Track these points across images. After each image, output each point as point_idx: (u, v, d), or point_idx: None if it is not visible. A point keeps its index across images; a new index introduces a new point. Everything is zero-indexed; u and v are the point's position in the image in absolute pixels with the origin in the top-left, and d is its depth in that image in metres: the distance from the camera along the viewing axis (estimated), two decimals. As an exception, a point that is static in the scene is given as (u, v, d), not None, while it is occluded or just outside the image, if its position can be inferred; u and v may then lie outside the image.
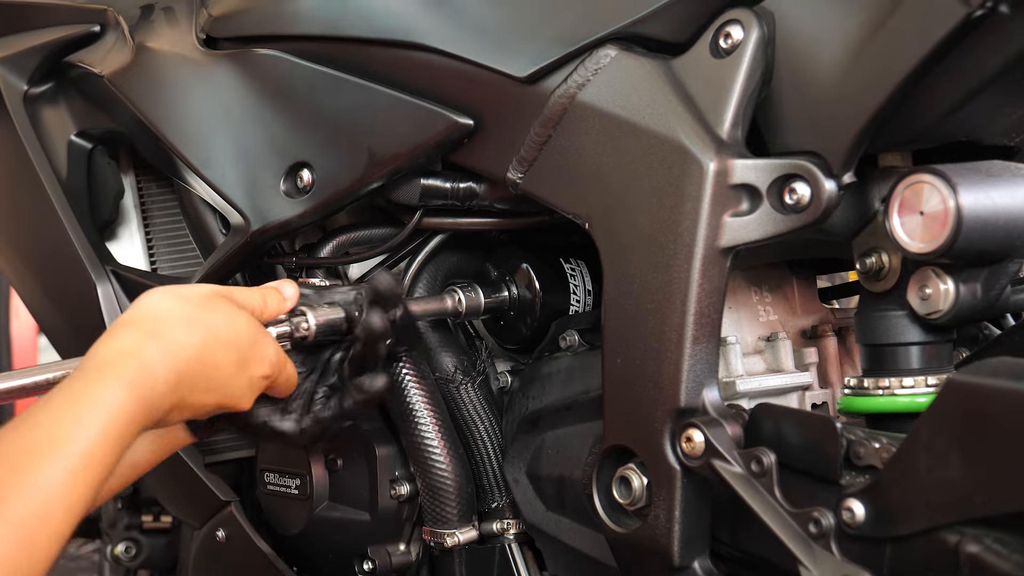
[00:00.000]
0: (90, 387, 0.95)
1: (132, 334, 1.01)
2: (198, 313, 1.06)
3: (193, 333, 1.04)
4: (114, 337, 1.01)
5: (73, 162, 1.63)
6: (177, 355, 1.02)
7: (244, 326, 1.10)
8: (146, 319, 1.03)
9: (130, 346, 0.99)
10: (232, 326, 1.08)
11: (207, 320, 1.06)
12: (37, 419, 0.91)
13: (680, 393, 1.05)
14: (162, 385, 1.00)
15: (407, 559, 1.41)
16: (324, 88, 1.32)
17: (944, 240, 0.99)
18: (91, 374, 0.96)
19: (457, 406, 1.36)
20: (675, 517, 1.06)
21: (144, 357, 0.99)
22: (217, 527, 1.52)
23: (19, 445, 0.89)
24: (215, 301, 1.09)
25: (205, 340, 1.05)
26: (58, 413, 0.92)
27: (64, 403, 0.93)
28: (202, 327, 1.05)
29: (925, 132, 1.03)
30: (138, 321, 1.03)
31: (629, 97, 1.09)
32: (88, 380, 0.95)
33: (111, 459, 0.93)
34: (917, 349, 1.09)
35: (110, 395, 0.94)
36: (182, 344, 1.03)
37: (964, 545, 0.88)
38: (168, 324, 1.03)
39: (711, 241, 1.03)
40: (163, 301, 1.06)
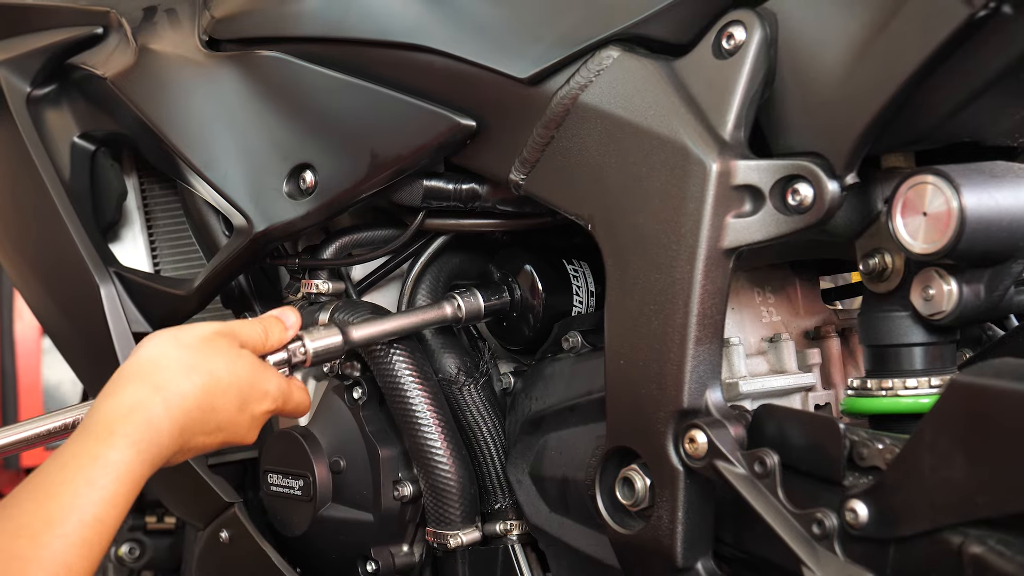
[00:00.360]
0: (99, 449, 0.98)
1: (137, 389, 1.05)
2: (198, 360, 1.09)
3: (195, 381, 1.07)
4: (120, 391, 1.05)
5: (76, 164, 1.63)
6: (180, 405, 1.05)
7: (244, 367, 1.13)
8: (149, 371, 1.07)
9: (135, 402, 1.03)
10: (232, 368, 1.11)
11: (207, 365, 1.09)
12: (52, 487, 0.95)
13: (683, 394, 1.05)
14: (167, 438, 1.04)
15: (410, 560, 1.41)
16: (326, 90, 1.32)
17: (947, 241, 0.98)
18: (101, 433, 1.00)
19: (460, 407, 1.36)
20: (678, 518, 1.06)
21: (149, 412, 1.03)
22: (221, 528, 1.52)
23: (39, 515, 0.93)
24: (215, 343, 1.12)
25: (206, 386, 1.08)
26: (73, 479, 0.96)
27: (78, 468, 0.97)
28: (203, 373, 1.08)
29: (928, 133, 1.03)
30: (141, 374, 1.06)
31: (631, 98, 1.09)
32: (98, 441, 0.99)
33: (120, 519, 0.98)
34: (920, 350, 1.08)
35: (118, 455, 0.99)
36: (184, 394, 1.06)
37: (967, 546, 0.88)
38: (170, 374, 1.06)
39: (714, 242, 1.03)
40: (164, 350, 1.09)
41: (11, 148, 1.66)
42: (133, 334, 1.54)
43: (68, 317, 1.66)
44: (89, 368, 1.70)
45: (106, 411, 1.02)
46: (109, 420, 1.01)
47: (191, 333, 1.12)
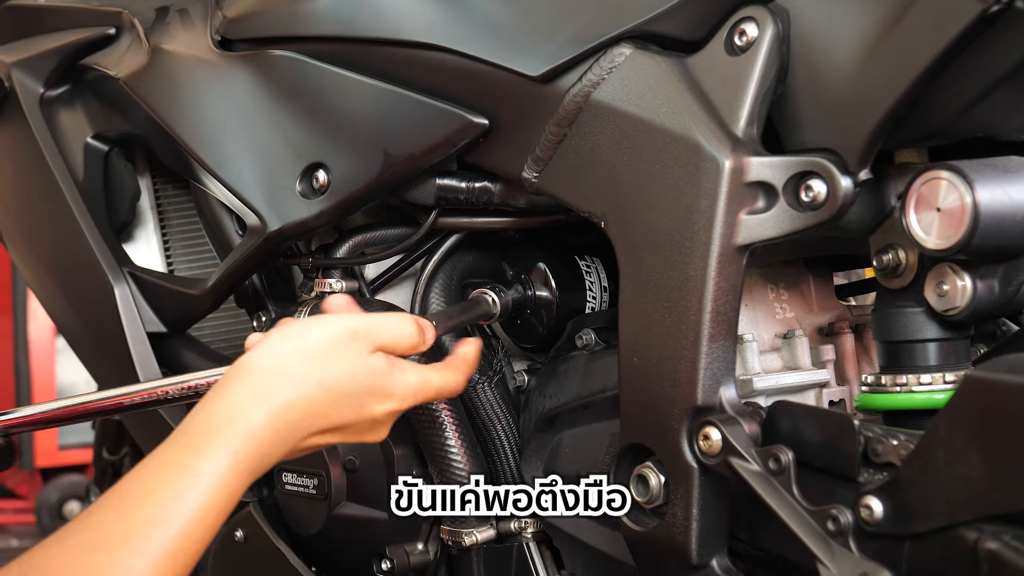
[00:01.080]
0: (191, 459, 0.93)
1: (241, 394, 0.99)
2: (314, 369, 1.02)
3: (303, 392, 1.01)
4: (223, 396, 0.99)
5: (90, 164, 1.64)
6: (284, 417, 0.99)
7: (366, 374, 1.05)
8: (258, 376, 1.00)
9: (236, 409, 0.97)
10: (352, 377, 1.04)
11: (322, 374, 1.02)
12: (136, 497, 0.90)
13: (697, 391, 1.05)
14: (268, 447, 0.98)
15: (425, 558, 1.41)
16: (339, 89, 1.32)
17: (961, 236, 0.98)
18: (195, 442, 0.94)
19: (474, 405, 1.36)
20: (693, 515, 1.05)
21: (251, 422, 0.97)
22: (236, 527, 1.52)
23: (119, 528, 0.88)
24: (342, 347, 1.04)
25: (316, 397, 1.02)
26: (159, 489, 0.90)
27: (165, 479, 0.91)
28: (315, 384, 1.01)
29: (941, 129, 1.03)
30: (250, 378, 1.00)
31: (644, 95, 1.09)
32: (191, 450, 0.94)
33: (212, 533, 0.92)
34: (934, 346, 1.08)
35: (212, 467, 0.93)
36: (291, 404, 1.00)
37: (983, 542, 0.88)
38: (280, 383, 1.00)
39: (727, 239, 1.03)
40: (281, 355, 1.02)
41: (25, 149, 1.67)
42: (147, 334, 1.55)
43: (82, 317, 1.66)
44: (103, 368, 1.70)
45: (205, 417, 0.97)
46: (207, 428, 0.95)
47: (319, 334, 1.04)
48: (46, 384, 4.45)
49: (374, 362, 1.06)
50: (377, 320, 1.09)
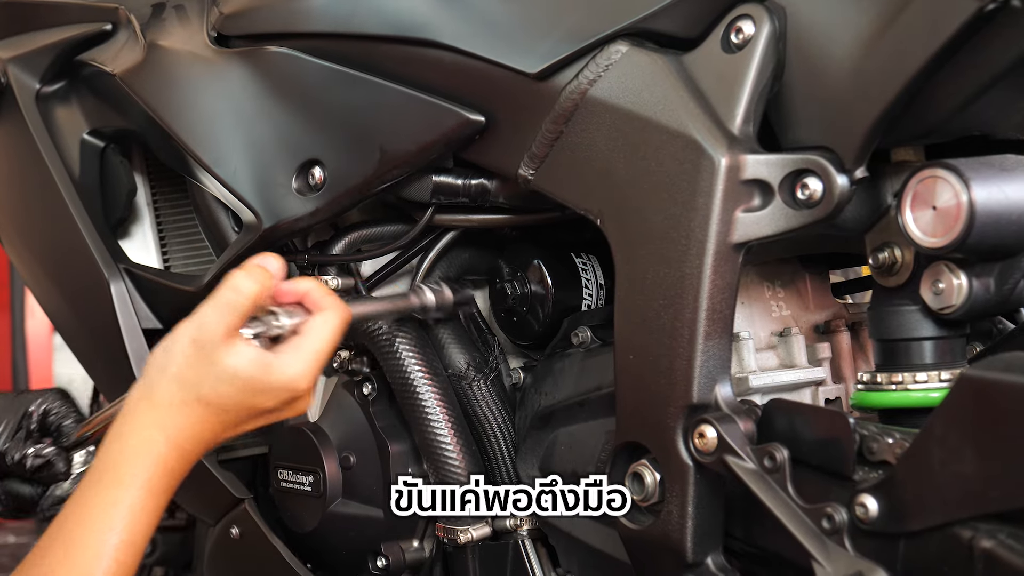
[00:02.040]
0: (116, 494, 1.02)
1: (142, 424, 1.06)
2: (186, 392, 1.06)
3: (189, 414, 1.06)
4: (131, 428, 1.06)
5: (86, 161, 1.63)
6: (185, 436, 1.07)
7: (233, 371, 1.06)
8: (146, 408, 1.07)
9: (142, 442, 1.05)
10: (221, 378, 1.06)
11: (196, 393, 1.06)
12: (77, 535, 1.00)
13: (692, 389, 1.04)
14: (177, 463, 1.06)
15: (420, 556, 1.41)
16: (335, 85, 1.32)
17: (957, 235, 0.98)
18: (113, 479, 1.03)
19: (470, 403, 1.36)
20: (688, 513, 1.05)
21: (155, 452, 1.05)
22: (231, 524, 1.52)
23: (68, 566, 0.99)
24: (196, 362, 1.06)
25: (204, 415, 1.07)
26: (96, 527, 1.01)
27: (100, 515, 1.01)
28: (196, 404, 1.06)
29: (938, 127, 1.03)
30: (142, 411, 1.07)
31: (640, 93, 1.09)
32: (112, 486, 1.03)
33: (139, 557, 1.03)
34: (930, 344, 1.08)
35: (132, 498, 1.02)
36: (182, 426, 1.06)
37: (978, 540, 0.88)
38: (167, 411, 1.06)
39: (723, 236, 1.03)
40: (154, 384, 1.07)
41: (21, 145, 1.67)
42: (143, 331, 1.55)
43: (78, 314, 1.66)
44: (100, 365, 1.70)
45: (115, 454, 1.05)
46: (119, 464, 1.04)
47: (174, 357, 1.07)
48: (43, 381, 4.45)
49: (235, 359, 1.05)
50: (207, 310, 1.07)
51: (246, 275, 1.08)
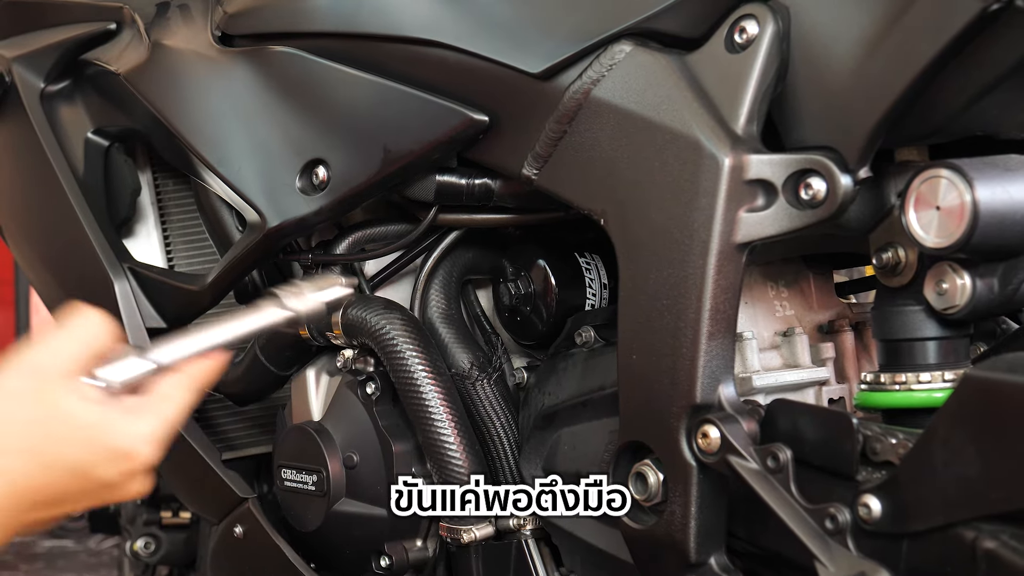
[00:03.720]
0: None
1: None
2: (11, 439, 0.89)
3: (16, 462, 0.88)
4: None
5: (90, 160, 1.64)
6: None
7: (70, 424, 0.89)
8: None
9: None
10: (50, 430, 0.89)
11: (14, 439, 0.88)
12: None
13: (696, 389, 1.04)
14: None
15: (424, 555, 1.41)
16: (339, 85, 1.32)
17: (960, 235, 0.98)
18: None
19: (473, 402, 1.36)
20: (691, 513, 1.05)
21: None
22: (235, 523, 1.52)
23: None
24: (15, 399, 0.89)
25: (14, 466, 0.88)
26: None
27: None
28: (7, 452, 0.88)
29: (941, 127, 1.03)
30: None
31: (644, 93, 1.09)
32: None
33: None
34: (934, 344, 1.08)
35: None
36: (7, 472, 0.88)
37: (981, 541, 0.88)
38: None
39: (726, 237, 1.03)
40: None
41: (25, 144, 1.67)
42: (147, 330, 1.55)
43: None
44: (104, 363, 1.70)
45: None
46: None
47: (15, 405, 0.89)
48: (48, 379, 4.46)
49: (72, 410, 0.89)
50: (34, 349, 0.91)
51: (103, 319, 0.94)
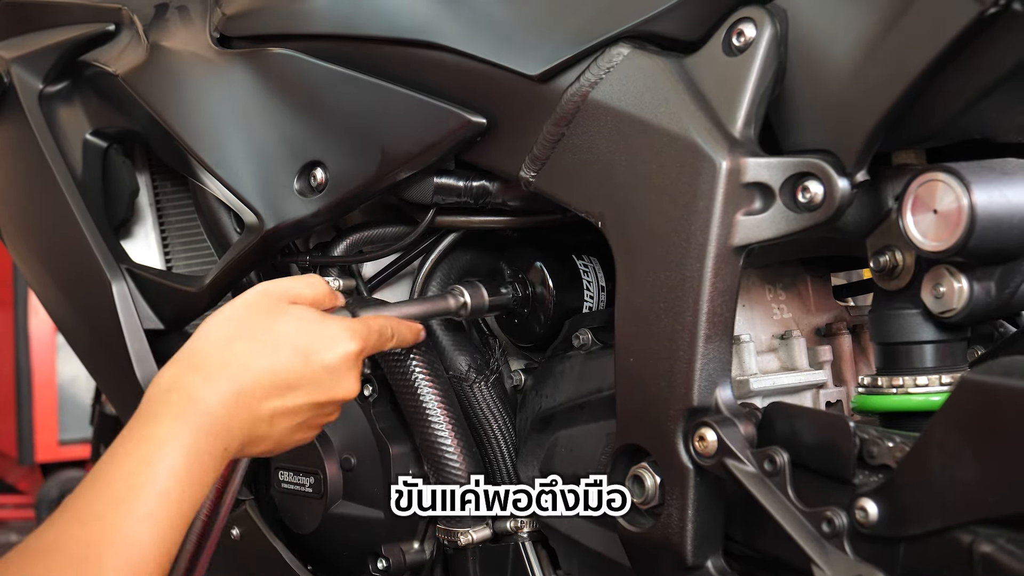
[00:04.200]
0: (146, 430, 0.99)
1: (172, 370, 1.05)
2: (235, 328, 1.08)
3: (235, 349, 1.06)
4: (158, 378, 1.05)
5: (88, 161, 1.64)
6: (223, 374, 1.04)
7: (291, 320, 1.09)
8: (186, 356, 1.06)
9: (172, 382, 1.03)
10: (278, 325, 1.08)
11: (247, 330, 1.07)
12: (111, 473, 0.96)
13: (693, 392, 1.04)
14: (218, 407, 1.03)
15: (421, 557, 1.41)
16: (337, 87, 1.32)
17: (957, 239, 0.98)
18: (144, 417, 1.01)
19: (471, 404, 1.36)
20: (688, 516, 1.05)
21: (188, 389, 1.03)
22: (232, 525, 1.52)
23: (104, 500, 0.95)
24: (257, 304, 1.10)
25: (249, 349, 1.06)
26: (127, 461, 0.97)
27: (130, 452, 0.98)
28: (243, 339, 1.07)
29: (939, 130, 1.03)
30: (180, 360, 1.06)
31: (642, 95, 1.09)
32: (143, 423, 1.00)
33: (188, 493, 0.98)
34: (931, 347, 1.08)
35: (164, 431, 0.99)
36: (226, 362, 1.05)
37: (977, 545, 0.88)
38: (207, 351, 1.06)
39: (724, 240, 1.03)
40: (203, 332, 1.08)
41: (23, 145, 1.67)
42: (145, 331, 1.55)
43: (80, 314, 1.66)
44: (101, 365, 1.71)
45: (147, 398, 1.03)
46: (149, 404, 1.02)
47: (235, 303, 1.10)
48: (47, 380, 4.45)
49: (296, 310, 1.10)
50: (288, 281, 1.14)
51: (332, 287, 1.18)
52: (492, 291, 1.33)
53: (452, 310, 1.31)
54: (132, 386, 1.55)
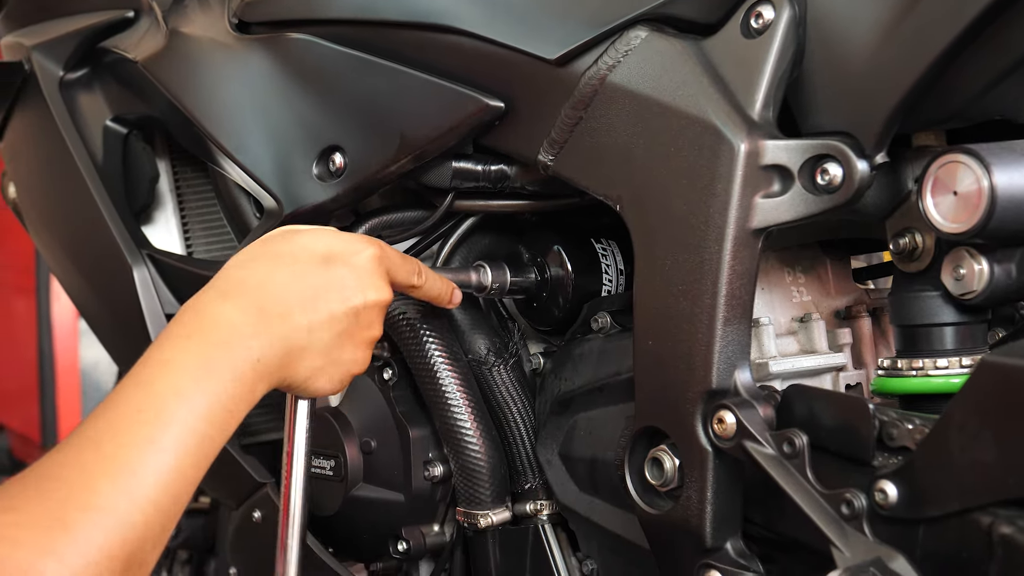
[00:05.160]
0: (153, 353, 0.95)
1: (207, 294, 1.03)
2: (249, 253, 1.07)
3: (248, 267, 1.05)
4: (191, 301, 1.02)
5: (109, 147, 1.65)
6: (235, 290, 1.02)
7: (308, 235, 1.09)
8: (216, 281, 1.05)
9: (186, 306, 1.01)
10: (294, 240, 1.08)
11: (262, 250, 1.07)
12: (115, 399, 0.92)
13: (712, 374, 1.04)
14: (234, 319, 0.99)
15: (441, 540, 1.42)
16: (356, 72, 1.32)
17: (978, 220, 0.98)
18: (157, 342, 0.97)
19: (490, 388, 1.36)
20: (707, 498, 1.05)
21: (199, 306, 1.01)
22: (253, 508, 1.53)
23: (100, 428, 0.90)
24: (272, 235, 1.10)
25: (266, 267, 1.05)
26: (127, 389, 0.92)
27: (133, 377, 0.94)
28: (258, 259, 1.06)
29: (959, 111, 1.02)
30: (209, 287, 1.04)
31: (660, 78, 1.09)
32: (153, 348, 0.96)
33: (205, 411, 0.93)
34: (951, 330, 1.08)
35: (170, 351, 0.95)
36: (242, 279, 1.03)
37: (997, 526, 0.87)
38: (221, 276, 1.05)
39: (742, 222, 1.03)
40: (232, 260, 1.07)
41: (45, 132, 1.68)
42: (165, 315, 1.56)
43: (102, 299, 1.68)
44: (123, 350, 1.72)
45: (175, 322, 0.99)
46: (182, 328, 0.98)
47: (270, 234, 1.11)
48: (70, 365, 4.48)
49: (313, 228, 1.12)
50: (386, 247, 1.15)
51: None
52: (514, 272, 1.34)
53: (473, 284, 1.31)
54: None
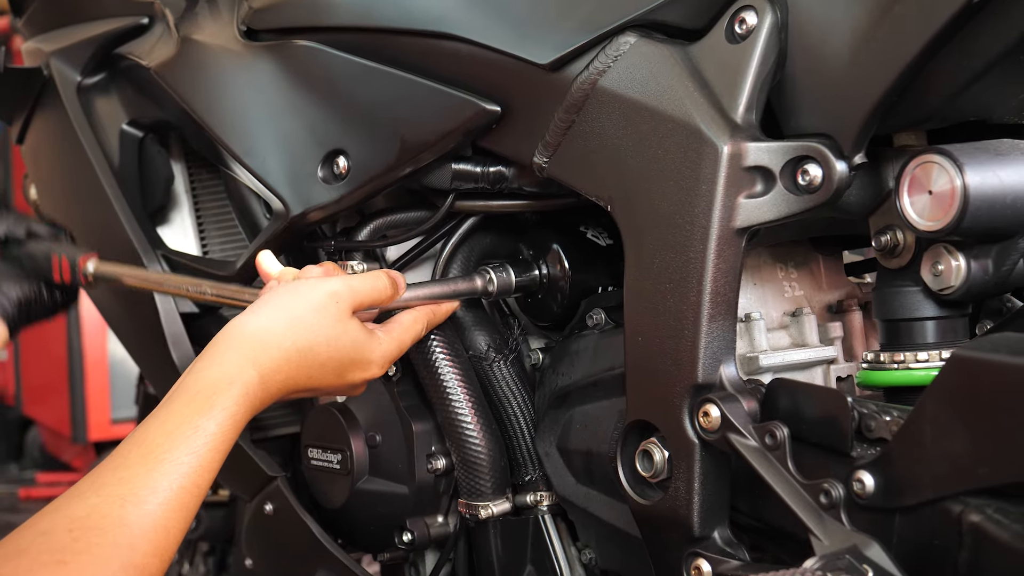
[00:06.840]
0: (200, 421, 1.05)
1: (237, 360, 1.12)
2: (301, 335, 1.16)
3: (292, 358, 1.15)
4: (221, 360, 1.12)
5: (125, 150, 1.68)
6: (274, 379, 1.13)
7: (349, 341, 1.20)
8: (251, 344, 1.14)
9: (234, 374, 1.10)
10: (336, 343, 1.19)
11: (309, 340, 1.16)
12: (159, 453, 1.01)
13: (697, 369, 1.07)
14: (259, 403, 1.12)
15: (445, 530, 1.45)
16: (358, 78, 1.35)
17: (951, 219, 1.01)
18: (203, 404, 1.06)
19: (490, 383, 1.40)
20: (694, 489, 1.08)
21: (247, 387, 1.10)
22: (265, 501, 1.57)
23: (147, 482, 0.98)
24: (325, 312, 1.18)
25: (304, 361, 1.16)
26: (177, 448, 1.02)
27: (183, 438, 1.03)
28: (303, 350, 1.16)
29: (935, 112, 1.05)
30: (244, 345, 1.13)
31: (647, 83, 1.12)
32: (199, 412, 1.05)
33: (211, 482, 1.04)
34: (932, 324, 1.11)
35: (215, 427, 1.05)
36: (280, 368, 1.14)
37: (967, 515, 0.90)
38: (271, 350, 1.14)
39: (726, 222, 1.06)
40: (270, 322, 1.16)
41: (63, 135, 1.72)
42: (180, 314, 1.60)
43: (119, 299, 1.71)
44: (140, 347, 1.76)
45: (207, 380, 1.09)
46: (210, 391, 1.07)
47: (303, 300, 1.18)
48: (98, 360, 4.54)
49: (353, 331, 1.21)
50: (354, 280, 1.24)
51: (396, 279, 1.28)
52: (518, 272, 1.37)
53: (479, 290, 1.35)
54: (169, 367, 1.60)
